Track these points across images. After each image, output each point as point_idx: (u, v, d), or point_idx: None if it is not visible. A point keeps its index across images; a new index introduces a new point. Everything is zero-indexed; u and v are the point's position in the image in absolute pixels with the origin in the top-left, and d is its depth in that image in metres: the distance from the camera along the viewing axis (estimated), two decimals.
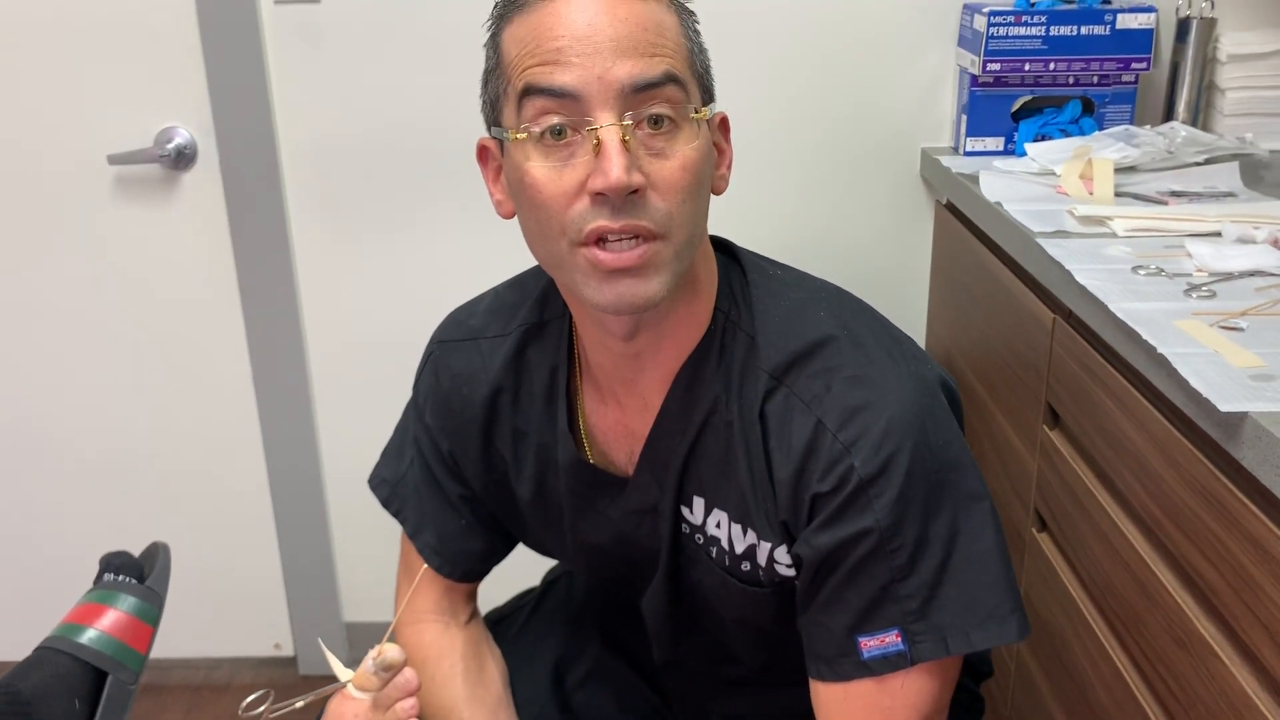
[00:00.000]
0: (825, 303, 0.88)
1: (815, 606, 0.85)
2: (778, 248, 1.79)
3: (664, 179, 0.77)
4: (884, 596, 0.81)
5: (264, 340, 1.88)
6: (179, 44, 1.72)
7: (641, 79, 0.75)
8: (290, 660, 2.12)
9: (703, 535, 0.92)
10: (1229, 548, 0.84)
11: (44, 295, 1.87)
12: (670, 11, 0.80)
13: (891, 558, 0.81)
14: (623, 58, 0.75)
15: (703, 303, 0.87)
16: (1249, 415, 0.78)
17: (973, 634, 0.82)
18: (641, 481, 0.93)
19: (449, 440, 1.01)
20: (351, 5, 1.69)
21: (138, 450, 1.98)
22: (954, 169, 1.56)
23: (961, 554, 0.82)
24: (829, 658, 0.84)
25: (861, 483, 0.80)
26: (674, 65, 0.77)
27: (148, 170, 1.79)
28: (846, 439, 0.80)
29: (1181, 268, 1.09)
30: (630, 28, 0.75)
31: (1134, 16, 1.53)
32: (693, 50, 0.81)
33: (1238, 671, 0.84)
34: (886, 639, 0.82)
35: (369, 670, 0.88)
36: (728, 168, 0.87)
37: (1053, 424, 1.23)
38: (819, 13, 1.67)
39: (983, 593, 0.82)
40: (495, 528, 1.05)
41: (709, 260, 0.88)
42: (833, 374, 0.83)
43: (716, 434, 0.87)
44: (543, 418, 0.96)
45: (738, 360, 0.86)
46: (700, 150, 0.79)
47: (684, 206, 0.78)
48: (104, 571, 1.00)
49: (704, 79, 0.82)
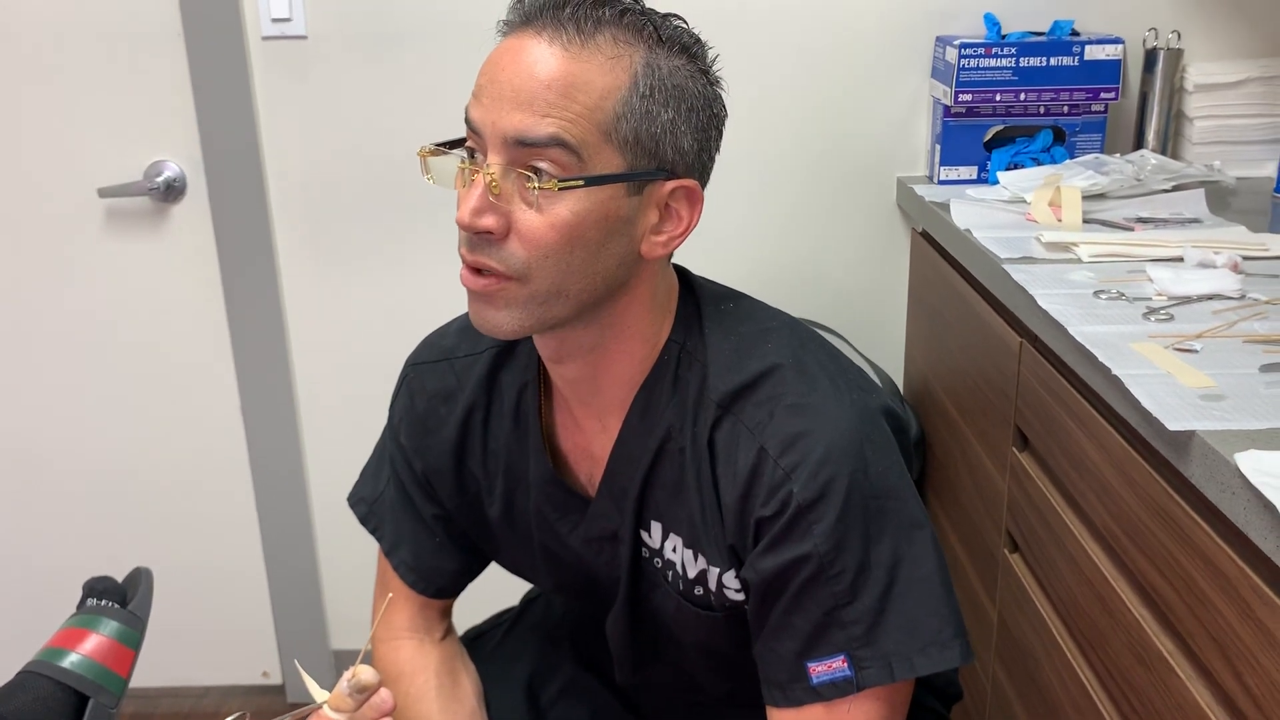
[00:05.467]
0: (774, 333, 0.91)
1: (765, 633, 0.87)
2: (758, 275, 1.83)
3: (529, 231, 0.79)
4: (829, 622, 0.83)
5: (252, 369, 1.90)
6: (168, 79, 1.75)
7: (525, 135, 0.78)
8: (278, 688, 2.13)
9: (660, 559, 0.94)
10: (1182, 564, 0.86)
11: (36, 325, 1.90)
12: (618, 74, 0.78)
13: (833, 583, 0.83)
14: (515, 110, 0.78)
15: (636, 342, 0.89)
16: (1196, 434, 0.80)
17: (916, 659, 0.83)
18: (601, 508, 0.95)
19: (422, 461, 1.03)
20: (338, 40, 1.73)
21: (126, 478, 1.99)
22: (928, 197, 1.59)
23: (904, 580, 0.84)
24: (781, 683, 0.86)
25: (800, 508, 0.82)
26: (567, 130, 0.77)
27: (138, 203, 1.82)
28: (787, 465, 0.83)
29: (1142, 292, 1.11)
30: (535, 84, 0.77)
31: (1102, 48, 1.57)
32: (623, 117, 0.79)
33: (1193, 686, 0.85)
34: (833, 664, 0.83)
35: (344, 691, 0.90)
36: (680, 235, 0.85)
37: (1021, 446, 1.25)
38: (797, 45, 1.71)
39: (927, 618, 0.84)
40: (468, 546, 1.07)
41: (642, 302, 0.88)
42: (776, 402, 0.85)
43: (671, 460, 0.90)
44: (511, 436, 0.98)
45: (692, 390, 0.88)
46: (580, 214, 0.79)
47: (547, 261, 0.80)
48: (87, 596, 1.01)
49: (642, 146, 0.80)
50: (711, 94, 0.86)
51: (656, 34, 0.81)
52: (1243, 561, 0.77)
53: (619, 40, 0.80)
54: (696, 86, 0.83)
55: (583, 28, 0.78)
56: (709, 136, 0.86)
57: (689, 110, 0.83)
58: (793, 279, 1.82)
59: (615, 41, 0.79)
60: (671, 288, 0.92)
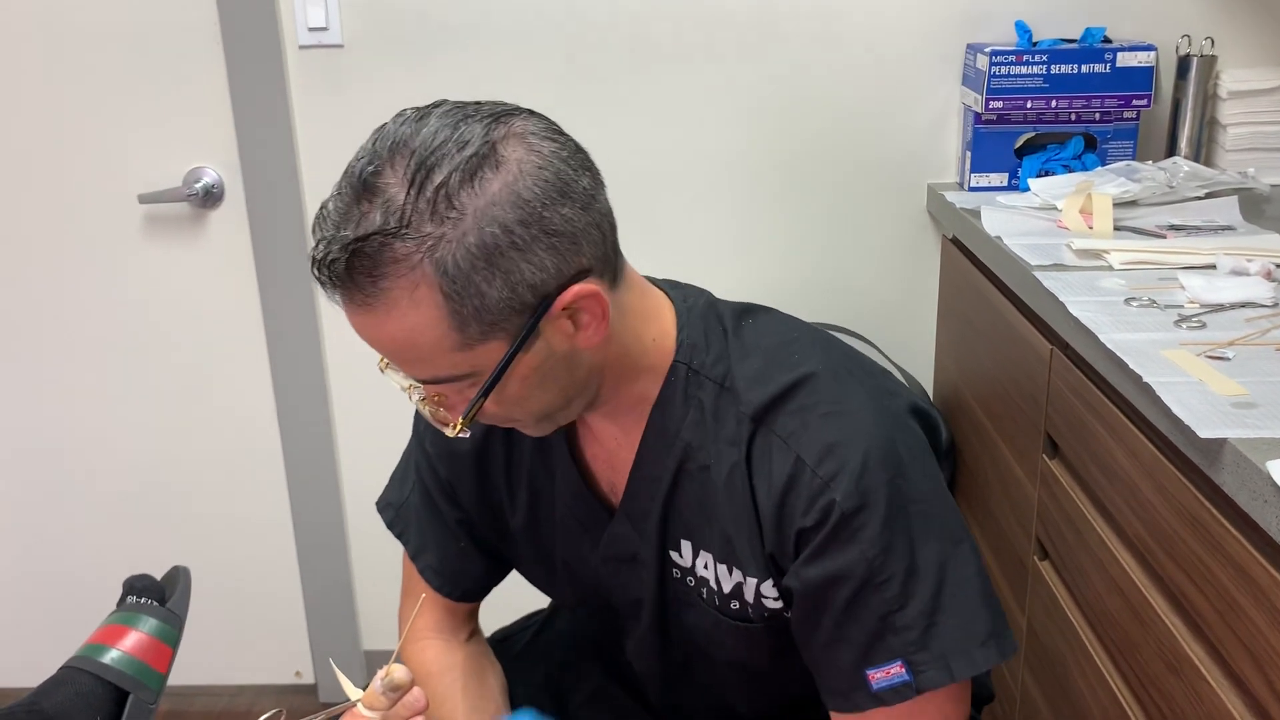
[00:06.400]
0: (798, 343, 0.91)
1: (819, 645, 0.87)
2: (788, 281, 1.84)
3: (486, 410, 0.83)
4: (883, 629, 0.83)
5: (287, 372, 1.92)
6: (207, 87, 1.78)
7: (415, 380, 0.82)
8: (311, 688, 2.15)
9: (694, 577, 0.94)
10: (1214, 572, 0.86)
11: (75, 329, 1.93)
12: (426, 301, 0.75)
13: (883, 589, 0.83)
14: (397, 365, 0.82)
15: (635, 382, 0.89)
16: (1228, 441, 0.80)
17: (976, 654, 0.84)
18: (621, 529, 0.95)
19: (446, 467, 1.04)
20: (373, 49, 1.75)
21: (164, 481, 2.02)
22: (958, 204, 1.59)
23: (953, 581, 0.84)
24: (842, 691, 0.86)
25: (844, 516, 0.82)
26: (434, 371, 0.80)
27: (177, 209, 1.85)
28: (825, 473, 0.82)
29: (1174, 299, 1.11)
30: (382, 347, 0.80)
31: (1134, 55, 1.57)
32: (465, 320, 0.76)
33: (1225, 695, 0.85)
34: (891, 670, 0.83)
35: (377, 690, 0.91)
36: (603, 316, 0.81)
37: (1052, 454, 1.25)
38: (829, 52, 1.71)
39: (978, 614, 0.84)
40: (493, 551, 1.08)
41: (622, 360, 0.87)
42: (809, 411, 0.85)
43: (692, 479, 0.90)
44: (534, 446, 0.98)
45: (708, 407, 0.88)
46: (510, 388, 0.81)
47: (518, 409, 0.84)
48: (127, 594, 1.04)
49: (504, 314, 0.76)
50: (514, 196, 0.75)
51: (424, 229, 0.73)
52: (1275, 569, 0.77)
53: (400, 270, 0.74)
54: (495, 225, 0.74)
55: (363, 285, 0.75)
56: (553, 231, 0.76)
57: (511, 248, 0.75)
58: (823, 285, 1.82)
59: (400, 273, 0.74)
60: (650, 315, 0.89)
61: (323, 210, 0.77)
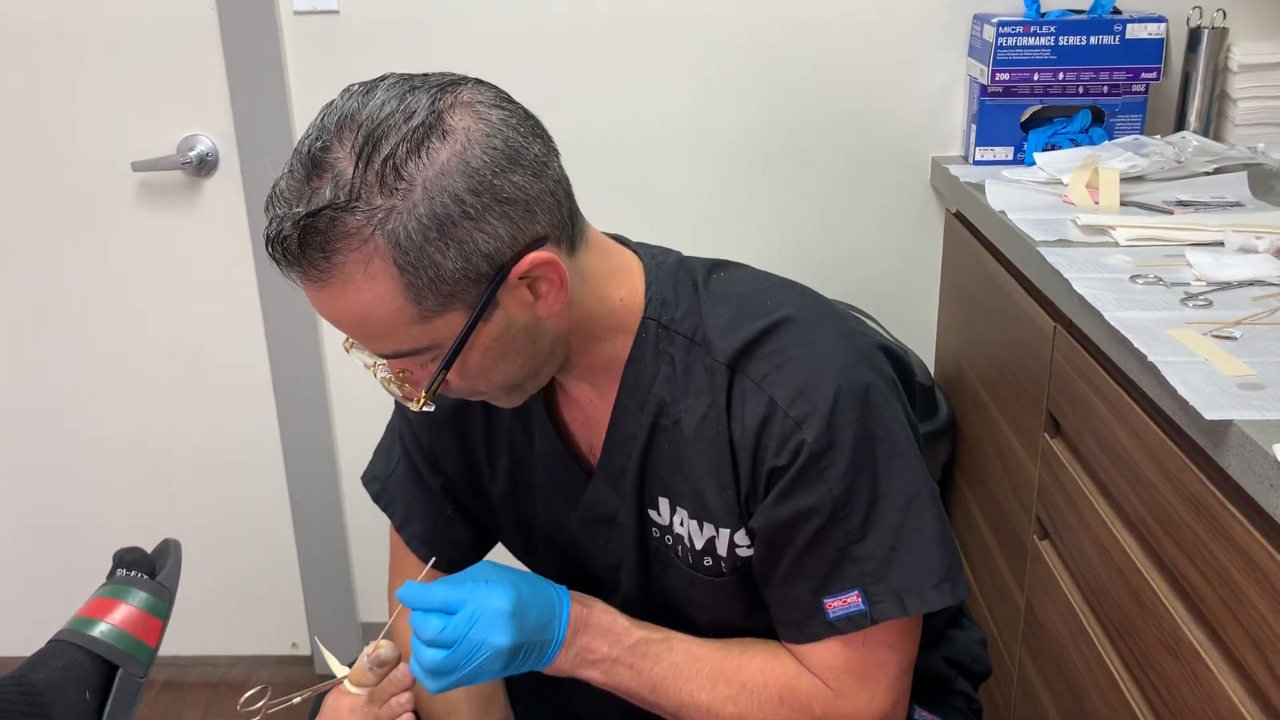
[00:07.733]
0: (770, 291, 0.91)
1: (778, 579, 0.89)
2: (790, 254, 1.82)
3: (450, 382, 0.83)
4: (842, 558, 0.86)
5: (283, 342, 1.91)
6: (201, 54, 1.75)
7: (377, 355, 0.83)
8: (307, 659, 2.15)
9: (671, 535, 0.95)
10: (1216, 555, 0.85)
11: (69, 298, 1.92)
12: (380, 274, 0.75)
13: (846, 521, 0.85)
14: (358, 341, 0.83)
15: (606, 341, 0.89)
16: (1234, 423, 0.78)
17: (929, 594, 0.86)
18: (599, 489, 0.96)
19: (427, 434, 1.04)
20: (369, 15, 1.72)
21: (157, 450, 2.01)
22: (962, 178, 1.57)
23: (914, 520, 0.86)
24: (797, 621, 0.89)
25: (812, 456, 0.84)
26: (394, 345, 0.80)
27: (171, 176, 1.83)
28: (797, 414, 0.84)
29: (1180, 277, 1.09)
30: (341, 324, 0.81)
31: (1144, 26, 1.54)
32: (420, 292, 0.76)
33: (1224, 679, 0.84)
34: (848, 599, 0.86)
35: (364, 666, 0.91)
36: (561, 283, 0.80)
37: (1054, 432, 1.23)
38: (831, 22, 1.68)
39: (936, 555, 0.86)
40: (476, 520, 1.08)
41: (589, 324, 0.87)
42: (782, 354, 0.86)
43: (667, 435, 0.91)
44: (513, 412, 0.98)
45: (679, 362, 0.89)
46: (473, 358, 0.81)
47: (482, 380, 0.84)
48: (117, 567, 1.03)
49: (460, 284, 0.76)
50: (463, 165, 0.75)
51: (374, 201, 0.73)
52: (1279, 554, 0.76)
53: (353, 244, 0.74)
54: (445, 195, 0.74)
55: (317, 260, 0.75)
56: (505, 199, 0.76)
57: (463, 218, 0.75)
58: (825, 258, 1.80)
59: (352, 247, 0.74)
60: (617, 275, 0.89)
61: (275, 189, 0.77)
